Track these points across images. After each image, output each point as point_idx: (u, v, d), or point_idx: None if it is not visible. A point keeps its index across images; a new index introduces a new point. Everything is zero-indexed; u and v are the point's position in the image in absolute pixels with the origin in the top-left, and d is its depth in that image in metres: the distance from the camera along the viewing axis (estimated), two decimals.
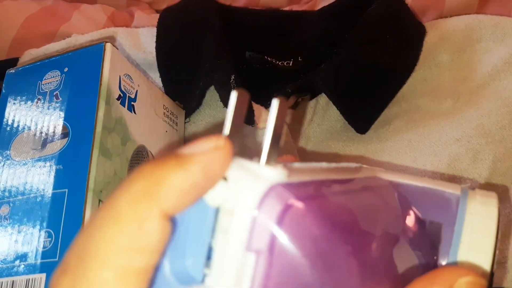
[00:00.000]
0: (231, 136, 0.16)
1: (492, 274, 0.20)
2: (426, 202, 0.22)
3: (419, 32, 0.44)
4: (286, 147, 0.40)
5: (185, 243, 0.15)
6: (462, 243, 0.20)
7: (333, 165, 0.20)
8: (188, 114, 0.44)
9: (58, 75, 0.34)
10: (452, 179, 0.38)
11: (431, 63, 0.43)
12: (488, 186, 0.37)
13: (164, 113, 0.40)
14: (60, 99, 0.33)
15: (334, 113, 0.42)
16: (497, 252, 0.21)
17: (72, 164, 0.30)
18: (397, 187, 0.23)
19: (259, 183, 0.15)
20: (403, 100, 0.42)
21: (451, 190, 0.22)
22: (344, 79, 0.39)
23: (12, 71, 0.36)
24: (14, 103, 0.34)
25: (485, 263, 0.20)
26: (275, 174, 0.15)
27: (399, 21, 0.43)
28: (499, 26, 0.43)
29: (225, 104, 0.39)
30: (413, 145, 0.39)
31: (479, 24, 0.44)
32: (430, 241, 0.22)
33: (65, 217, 0.28)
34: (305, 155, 0.41)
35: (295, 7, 0.57)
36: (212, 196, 0.15)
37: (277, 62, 0.47)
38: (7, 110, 0.34)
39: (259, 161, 0.16)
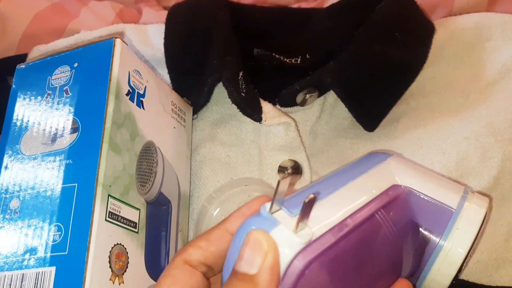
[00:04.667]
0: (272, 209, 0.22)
1: (464, 263, 0.26)
2: (428, 212, 0.28)
3: (428, 30, 0.44)
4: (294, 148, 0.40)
5: None
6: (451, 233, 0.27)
7: (357, 184, 0.26)
8: (196, 111, 0.44)
9: (68, 70, 0.34)
10: (460, 177, 0.38)
11: (440, 60, 0.43)
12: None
13: (172, 109, 0.40)
14: (70, 94, 0.33)
15: (342, 110, 0.42)
16: (475, 244, 0.27)
17: (81, 158, 0.30)
18: (408, 195, 0.28)
19: (287, 253, 0.21)
20: (411, 98, 0.42)
21: (451, 199, 0.28)
22: (353, 76, 0.39)
23: (22, 66, 0.36)
24: (24, 98, 0.35)
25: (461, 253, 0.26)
26: (298, 242, 0.21)
27: (408, 19, 0.43)
28: (508, 24, 0.43)
29: (233, 101, 0.39)
30: (422, 143, 0.39)
31: (489, 22, 0.44)
32: (419, 244, 0.27)
33: (75, 211, 0.29)
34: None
35: (304, 5, 0.57)
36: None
37: (285, 59, 0.47)
38: (17, 105, 0.35)
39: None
